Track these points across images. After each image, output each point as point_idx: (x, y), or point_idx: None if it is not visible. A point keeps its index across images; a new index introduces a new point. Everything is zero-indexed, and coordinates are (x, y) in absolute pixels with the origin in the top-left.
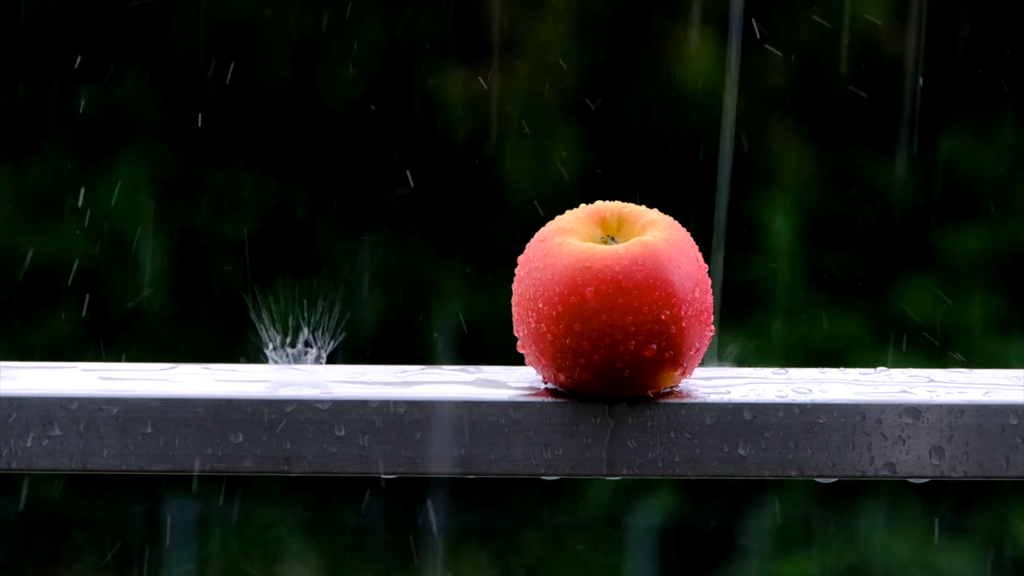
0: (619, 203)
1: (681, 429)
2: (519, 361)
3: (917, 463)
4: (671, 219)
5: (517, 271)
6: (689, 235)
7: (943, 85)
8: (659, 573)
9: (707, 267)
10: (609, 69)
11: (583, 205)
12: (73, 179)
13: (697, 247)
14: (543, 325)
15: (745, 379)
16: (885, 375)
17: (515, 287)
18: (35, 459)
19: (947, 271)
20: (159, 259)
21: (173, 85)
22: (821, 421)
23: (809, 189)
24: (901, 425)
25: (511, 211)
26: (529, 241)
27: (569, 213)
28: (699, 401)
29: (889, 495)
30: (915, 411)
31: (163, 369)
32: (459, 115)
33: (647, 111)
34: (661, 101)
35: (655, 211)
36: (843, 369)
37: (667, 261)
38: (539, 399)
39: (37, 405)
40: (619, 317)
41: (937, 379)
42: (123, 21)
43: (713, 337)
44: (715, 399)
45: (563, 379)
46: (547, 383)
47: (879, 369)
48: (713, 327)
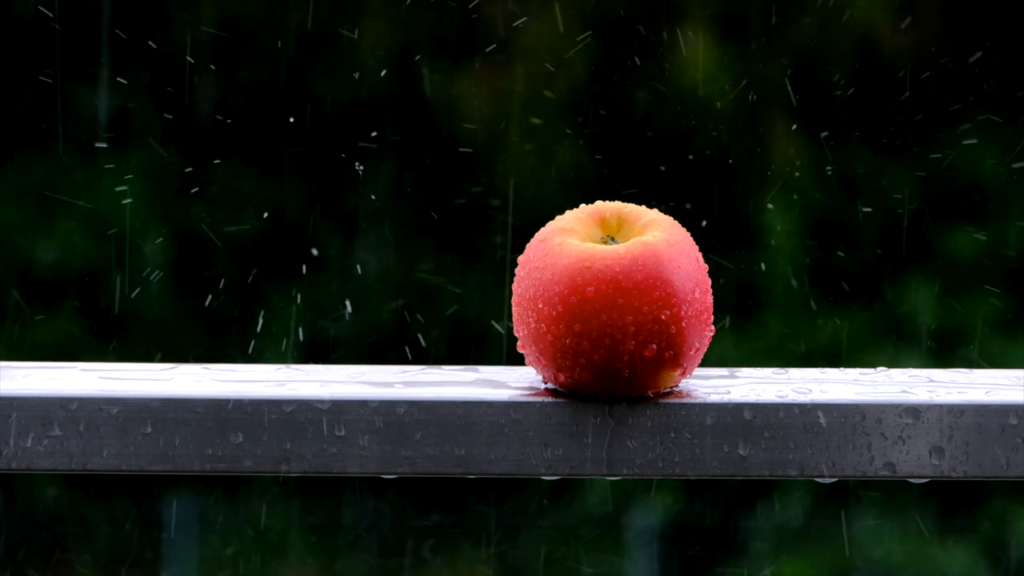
0: (619, 203)
1: (681, 429)
2: (519, 361)
3: (917, 463)
4: (671, 219)
5: (517, 271)
6: (689, 235)
7: (944, 85)
8: (659, 573)
9: (707, 267)
10: (609, 69)
11: (583, 205)
12: (73, 179)
13: (697, 247)
14: (543, 325)
15: (745, 379)
16: (885, 375)
17: (515, 287)
18: (35, 459)
19: (948, 271)
20: (159, 259)
21: (173, 85)
22: (821, 421)
23: (809, 189)
24: (901, 425)
25: (511, 211)
26: (529, 241)
27: (569, 213)
28: (699, 401)
29: (889, 495)
30: (915, 411)
31: (163, 369)
32: (459, 115)
33: (647, 111)
34: (661, 101)
35: (655, 211)
36: (843, 369)
37: (667, 261)
38: (539, 399)
39: (37, 405)
40: (619, 317)
41: (937, 379)
42: (123, 21)
43: (713, 337)
44: (715, 399)
45: (563, 379)
46: (547, 383)
47: (879, 369)
48: (713, 327)
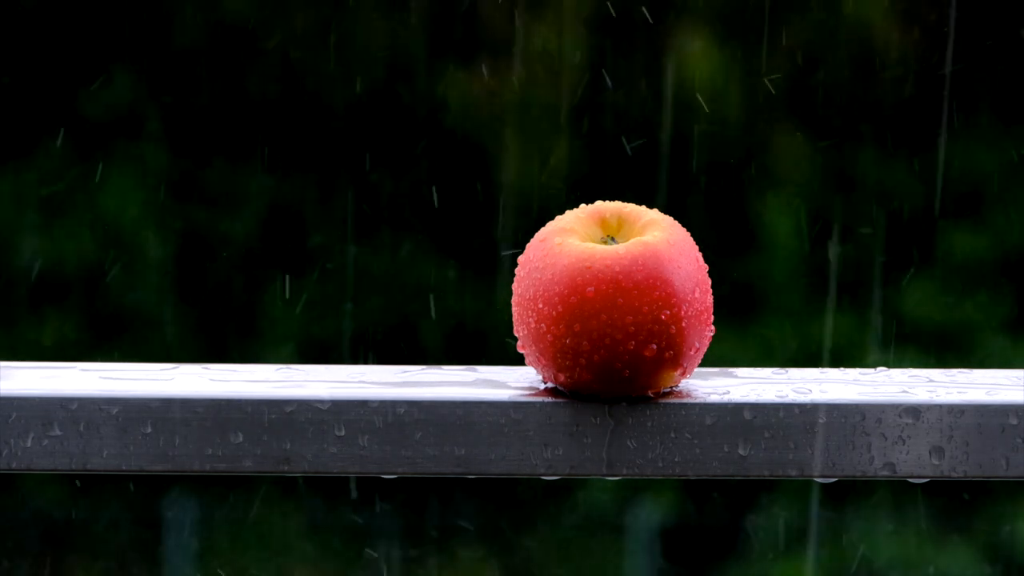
0: (619, 203)
1: (681, 429)
2: (519, 361)
3: (917, 463)
4: (671, 219)
5: (517, 271)
6: (689, 235)
7: (944, 85)
8: (659, 573)
9: (707, 267)
10: (609, 69)
11: (583, 205)
12: (73, 179)
13: (697, 247)
14: (543, 325)
15: (745, 379)
16: (885, 375)
17: (515, 287)
18: (35, 459)
19: (948, 271)
20: (159, 259)
21: (173, 85)
22: (821, 421)
23: (810, 189)
24: (901, 425)
25: (511, 211)
26: (529, 241)
27: (569, 213)
28: (699, 401)
29: (889, 495)
30: (915, 411)
31: (163, 369)
32: (459, 115)
33: (647, 111)
34: (661, 101)
35: (655, 211)
36: (843, 369)
37: (667, 261)
38: (539, 399)
39: (37, 405)
40: (619, 317)
41: (937, 379)
42: (123, 21)
43: (713, 337)
44: (715, 399)
45: (563, 379)
46: (547, 383)
47: (879, 369)
48: (713, 327)
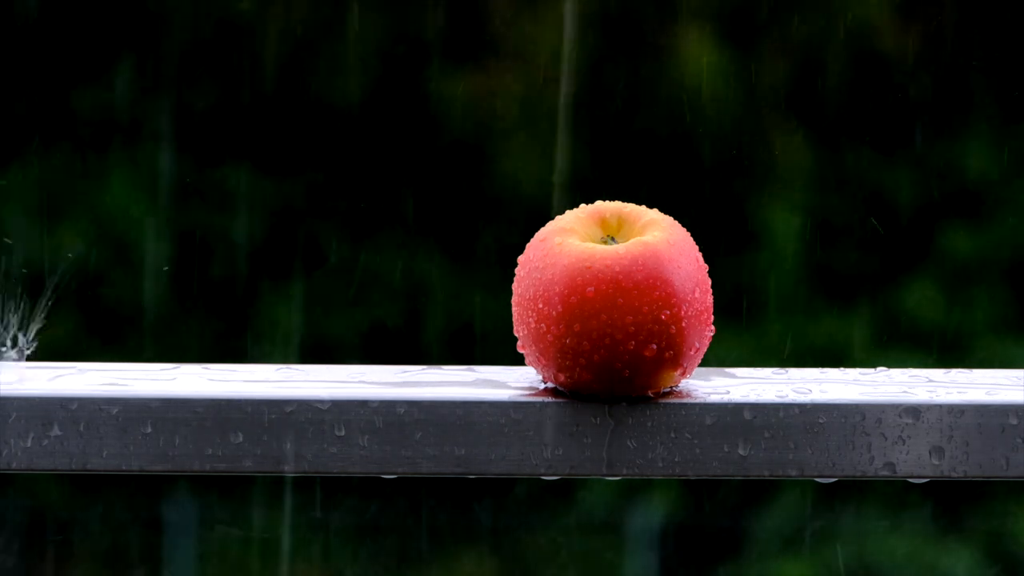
0: (619, 203)
1: (681, 429)
2: (519, 361)
3: (917, 463)
4: (671, 219)
5: (517, 271)
6: (689, 235)
7: (944, 84)
8: (659, 573)
9: (707, 267)
10: (608, 68)
11: (583, 205)
12: (74, 178)
13: (697, 247)
14: (543, 325)
15: (745, 379)
16: (885, 375)
17: (515, 287)
18: (35, 459)
19: (948, 271)
20: (159, 259)
21: (174, 84)
22: (821, 421)
23: (809, 189)
24: (901, 425)
25: (511, 211)
26: (529, 241)
27: (569, 213)
28: (699, 401)
29: (889, 495)
30: (915, 411)
31: (163, 369)
32: (459, 114)
33: (647, 111)
34: (661, 100)
35: (655, 211)
36: (843, 369)
37: (667, 261)
38: (539, 399)
39: (37, 405)
40: (619, 317)
41: (937, 379)
42: (123, 20)
43: (713, 337)
44: (715, 399)
45: (563, 379)
46: (547, 383)
47: (879, 369)
48: (713, 327)
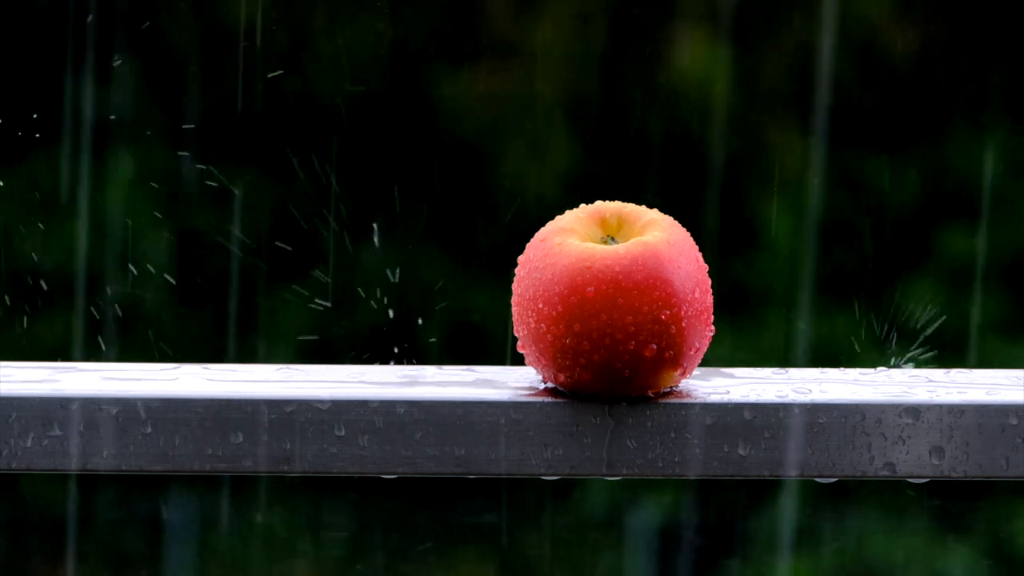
0: (619, 203)
1: (681, 429)
2: (519, 361)
3: (917, 463)
4: (671, 219)
5: (517, 271)
6: (689, 235)
7: (945, 84)
8: (659, 573)
9: (707, 267)
10: (608, 68)
11: (583, 205)
12: (74, 178)
13: (697, 247)
14: (543, 325)
15: (745, 379)
16: (885, 375)
17: (515, 287)
18: (35, 459)
19: (948, 271)
20: (160, 259)
21: (174, 84)
22: (821, 421)
23: (809, 189)
24: (901, 425)
25: (511, 211)
26: (529, 241)
27: (569, 213)
28: (699, 401)
29: (889, 495)
30: (915, 411)
31: (163, 369)
32: (458, 114)
33: (646, 110)
34: (660, 100)
35: (655, 211)
36: (843, 369)
37: (667, 261)
38: (539, 399)
39: (37, 405)
40: (619, 317)
41: (937, 379)
42: (125, 19)
43: (713, 337)
44: (715, 399)
45: (563, 379)
46: (547, 383)
47: (879, 369)
48: (713, 327)
